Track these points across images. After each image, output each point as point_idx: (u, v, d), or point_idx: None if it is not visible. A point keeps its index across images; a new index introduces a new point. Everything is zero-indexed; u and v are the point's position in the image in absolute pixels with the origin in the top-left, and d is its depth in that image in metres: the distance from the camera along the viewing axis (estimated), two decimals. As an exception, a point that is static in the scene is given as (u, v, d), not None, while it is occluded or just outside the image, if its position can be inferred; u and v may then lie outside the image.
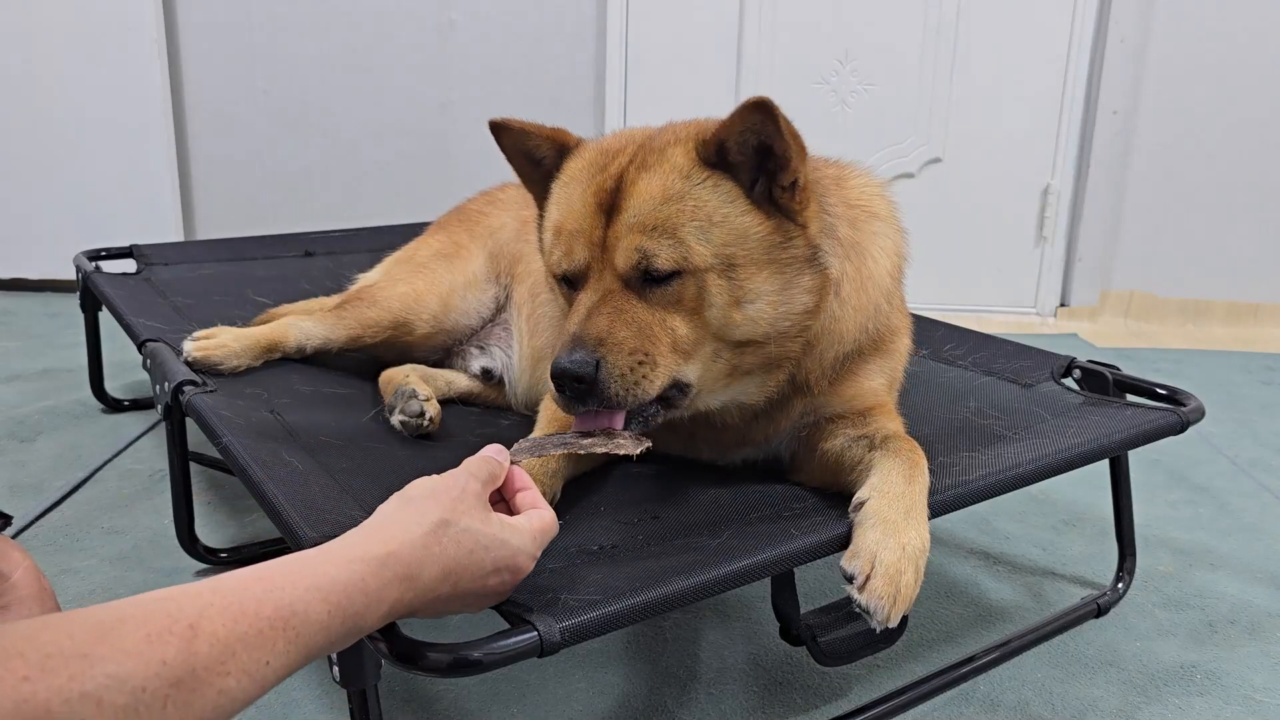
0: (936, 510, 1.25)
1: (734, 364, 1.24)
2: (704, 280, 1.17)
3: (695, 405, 1.27)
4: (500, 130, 1.33)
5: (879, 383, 1.41)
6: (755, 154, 1.18)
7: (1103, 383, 1.75)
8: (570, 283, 1.24)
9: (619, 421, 1.17)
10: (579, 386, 1.12)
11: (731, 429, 1.37)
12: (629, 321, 1.16)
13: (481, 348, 1.92)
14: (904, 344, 1.48)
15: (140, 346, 1.82)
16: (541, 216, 1.35)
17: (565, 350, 1.13)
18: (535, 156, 1.35)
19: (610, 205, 1.20)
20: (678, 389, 1.21)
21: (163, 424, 1.67)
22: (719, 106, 1.28)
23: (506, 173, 1.40)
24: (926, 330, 2.11)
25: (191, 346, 1.73)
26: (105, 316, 2.28)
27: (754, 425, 1.36)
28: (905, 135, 3.76)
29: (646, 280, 1.17)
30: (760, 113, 1.13)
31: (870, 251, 1.34)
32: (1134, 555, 1.80)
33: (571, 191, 1.26)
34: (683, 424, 1.35)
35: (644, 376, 1.14)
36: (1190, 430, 1.63)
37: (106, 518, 1.99)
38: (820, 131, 3.76)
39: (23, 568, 0.94)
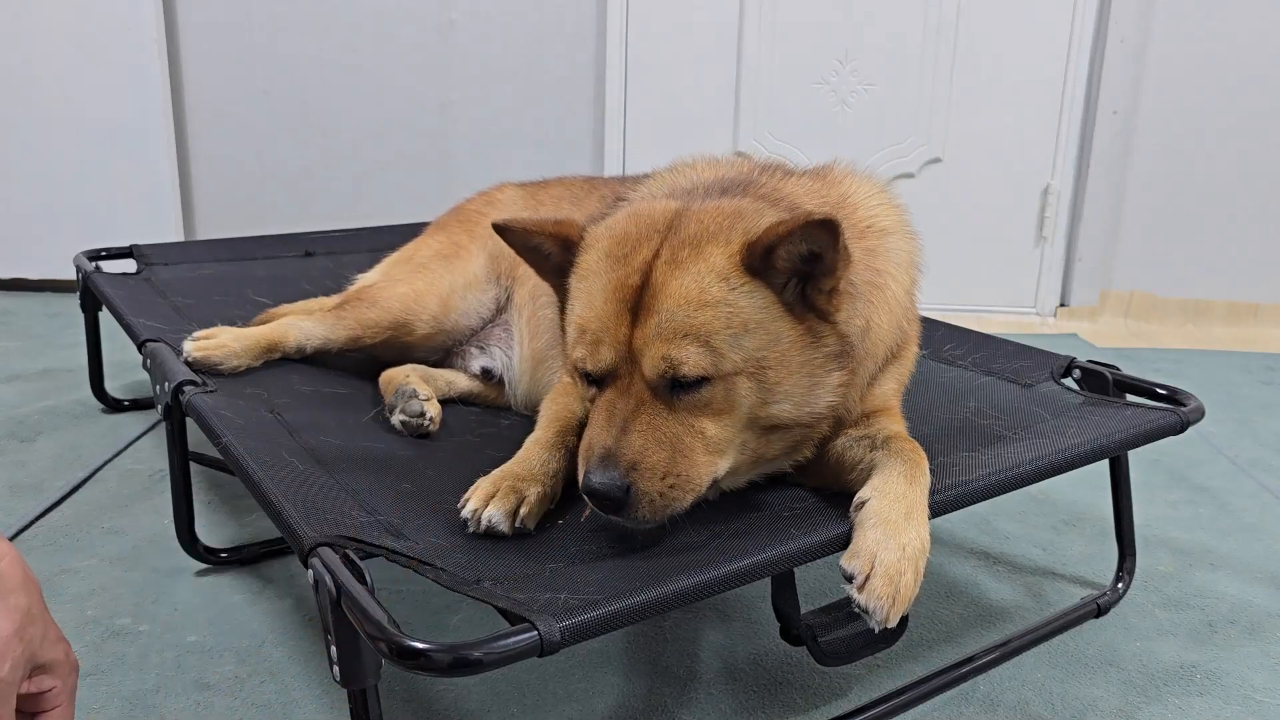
0: (936, 510, 1.25)
1: (759, 453, 1.23)
2: (733, 383, 1.15)
3: (719, 488, 1.26)
4: (505, 231, 1.31)
5: (889, 387, 1.42)
6: (801, 261, 1.16)
7: (1103, 383, 1.75)
8: (593, 379, 1.21)
9: None
10: (608, 503, 1.12)
11: None
12: (662, 440, 1.13)
13: (482, 348, 1.92)
14: (914, 350, 1.49)
15: (140, 346, 1.82)
16: (563, 307, 1.32)
17: (598, 467, 1.11)
18: (543, 251, 1.31)
19: (636, 303, 1.16)
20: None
21: (163, 424, 1.67)
22: (719, 106, 1.28)
23: (505, 173, 1.40)
24: (926, 330, 2.10)
25: (191, 346, 1.73)
26: (105, 316, 2.28)
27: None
28: (905, 135, 3.76)
29: (674, 386, 1.14)
30: (826, 231, 1.11)
31: (889, 277, 1.34)
32: (1134, 555, 1.80)
33: (593, 287, 1.21)
34: None
35: (674, 500, 1.13)
36: (1190, 430, 1.63)
37: (106, 518, 1.99)
38: (820, 131, 3.76)
39: (9, 558, 0.94)
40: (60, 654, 1.00)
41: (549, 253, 1.31)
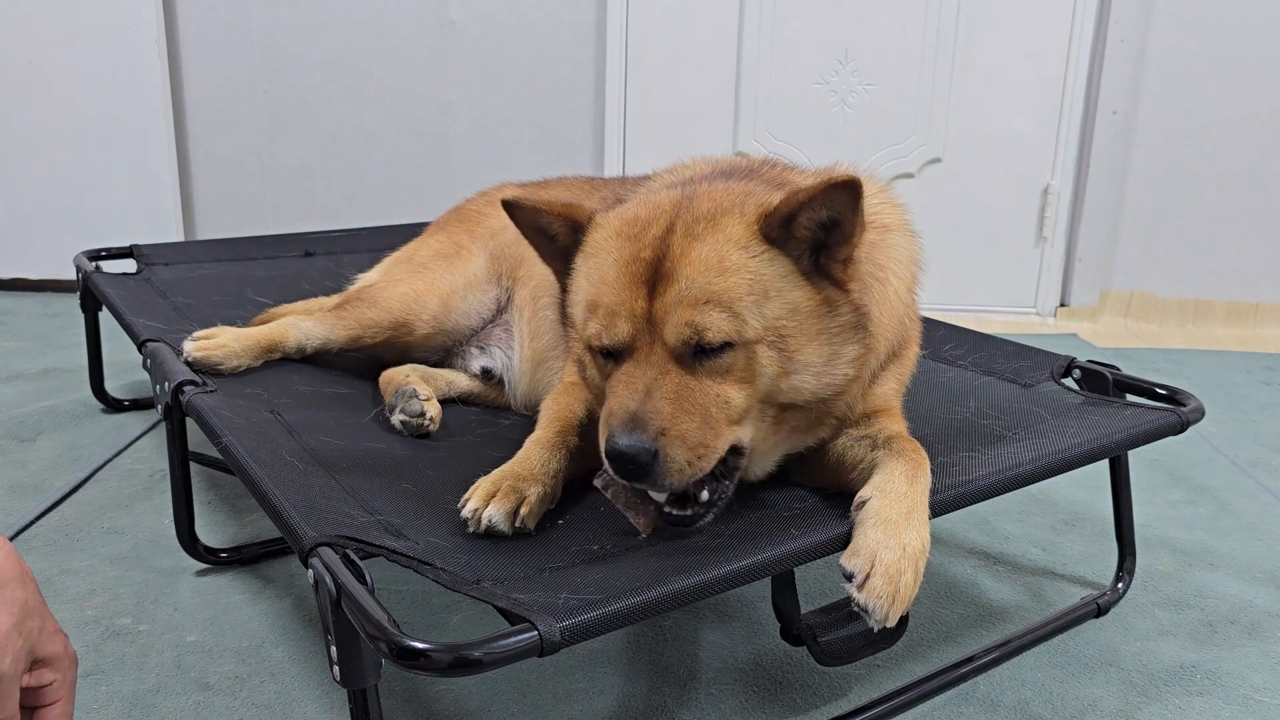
0: (937, 510, 1.25)
1: (778, 421, 1.23)
2: (754, 351, 1.15)
3: (750, 473, 1.25)
4: (513, 208, 1.31)
5: (890, 387, 1.42)
6: (820, 228, 1.16)
7: (1103, 383, 1.75)
8: (610, 354, 1.20)
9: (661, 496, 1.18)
10: (634, 468, 1.09)
11: None
12: (689, 408, 1.12)
13: (482, 348, 1.92)
14: (915, 350, 1.50)
15: (140, 346, 1.82)
16: (564, 290, 1.32)
17: (623, 429, 1.09)
18: (549, 232, 1.31)
19: (652, 276, 1.16)
20: (733, 452, 1.19)
21: (163, 424, 1.67)
22: (719, 106, 1.28)
23: (505, 173, 1.40)
24: (927, 330, 2.09)
25: (191, 346, 1.73)
26: (105, 316, 2.28)
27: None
28: (905, 135, 3.76)
29: (697, 352, 1.14)
30: (848, 193, 1.11)
31: (890, 273, 1.34)
32: (1134, 555, 1.80)
33: (604, 263, 1.21)
34: None
35: (701, 469, 1.12)
36: (1190, 430, 1.64)
37: (106, 518, 1.99)
38: (820, 131, 3.76)
39: (3, 552, 0.94)
40: (59, 647, 1.00)
41: (555, 233, 1.31)
